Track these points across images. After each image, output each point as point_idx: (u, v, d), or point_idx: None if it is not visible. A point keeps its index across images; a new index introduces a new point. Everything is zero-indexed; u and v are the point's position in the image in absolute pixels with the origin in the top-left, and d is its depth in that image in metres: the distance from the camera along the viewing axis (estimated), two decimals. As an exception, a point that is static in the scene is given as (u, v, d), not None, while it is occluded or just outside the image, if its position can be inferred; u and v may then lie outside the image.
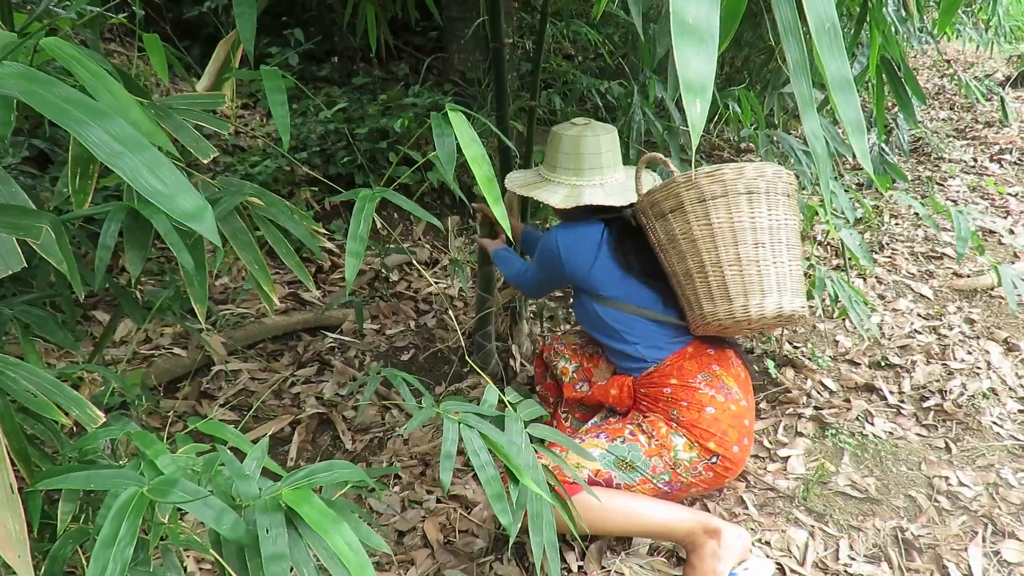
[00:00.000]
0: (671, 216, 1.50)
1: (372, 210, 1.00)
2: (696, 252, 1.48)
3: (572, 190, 1.62)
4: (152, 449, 0.89)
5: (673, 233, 1.51)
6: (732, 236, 1.45)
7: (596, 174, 1.63)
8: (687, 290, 1.53)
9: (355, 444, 2.05)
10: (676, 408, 1.53)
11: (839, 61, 0.64)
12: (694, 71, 0.54)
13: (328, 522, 0.73)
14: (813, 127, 0.69)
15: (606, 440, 1.53)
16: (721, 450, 1.51)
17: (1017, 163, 4.15)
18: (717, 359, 1.59)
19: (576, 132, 1.62)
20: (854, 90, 0.66)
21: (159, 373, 2.20)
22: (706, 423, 1.51)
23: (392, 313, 2.72)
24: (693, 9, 0.53)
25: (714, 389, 1.54)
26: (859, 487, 1.84)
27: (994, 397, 2.18)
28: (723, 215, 1.45)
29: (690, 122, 0.53)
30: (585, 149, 1.61)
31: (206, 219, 0.69)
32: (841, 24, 3.48)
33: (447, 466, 1.06)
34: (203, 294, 1.16)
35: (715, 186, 1.44)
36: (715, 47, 0.54)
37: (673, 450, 1.51)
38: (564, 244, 1.61)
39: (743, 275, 1.46)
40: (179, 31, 3.78)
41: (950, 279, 2.89)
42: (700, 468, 1.53)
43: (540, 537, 1.11)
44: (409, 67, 3.92)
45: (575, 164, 1.63)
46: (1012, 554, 1.63)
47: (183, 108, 1.02)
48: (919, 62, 6.30)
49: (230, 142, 3.23)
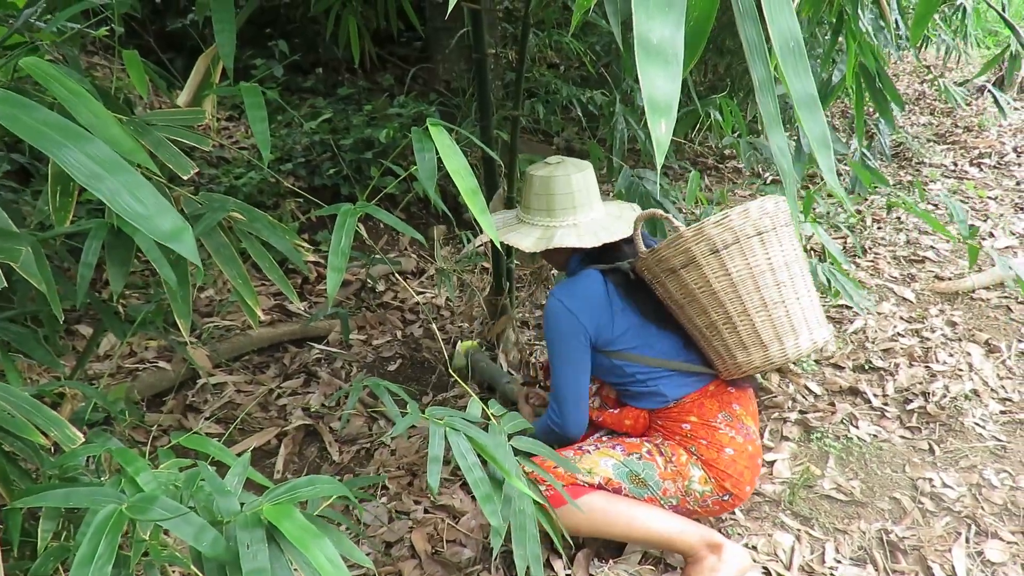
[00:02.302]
0: (684, 271, 1.44)
1: (354, 225, 1.01)
2: (719, 304, 1.44)
3: (545, 231, 1.57)
4: (133, 466, 0.88)
5: (689, 287, 1.45)
6: (753, 282, 1.42)
7: (569, 214, 1.58)
8: (714, 342, 1.50)
9: (342, 455, 2.04)
10: (695, 445, 1.53)
11: (804, 79, 0.65)
12: (660, 91, 0.55)
13: (309, 537, 0.73)
14: (780, 144, 0.70)
15: (622, 453, 1.53)
16: (736, 490, 1.54)
17: (996, 167, 4.21)
18: (737, 398, 1.59)
19: (547, 173, 1.58)
20: (819, 107, 0.67)
21: (144, 387, 2.18)
22: (724, 464, 1.52)
23: (379, 323, 2.72)
24: (658, 31, 0.54)
25: (734, 430, 1.55)
26: (844, 490, 1.85)
27: (976, 398, 2.20)
28: (739, 262, 1.41)
29: (655, 141, 0.54)
30: (556, 189, 1.57)
31: (186, 240, 0.69)
32: (820, 33, 3.53)
33: (434, 470, 1.07)
34: (186, 309, 1.16)
35: (725, 234, 1.40)
36: (680, 67, 0.55)
37: (688, 480, 1.52)
38: (572, 302, 1.52)
39: (772, 319, 1.44)
40: (163, 43, 3.78)
41: (932, 282, 2.93)
42: (709, 501, 1.55)
43: (523, 550, 1.12)
44: (394, 77, 3.93)
45: (547, 205, 1.58)
46: (995, 554, 1.65)
47: (163, 124, 1.02)
48: (900, 68, 6.38)
49: (215, 154, 3.23)
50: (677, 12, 0.55)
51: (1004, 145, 4.49)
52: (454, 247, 3.19)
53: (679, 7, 0.55)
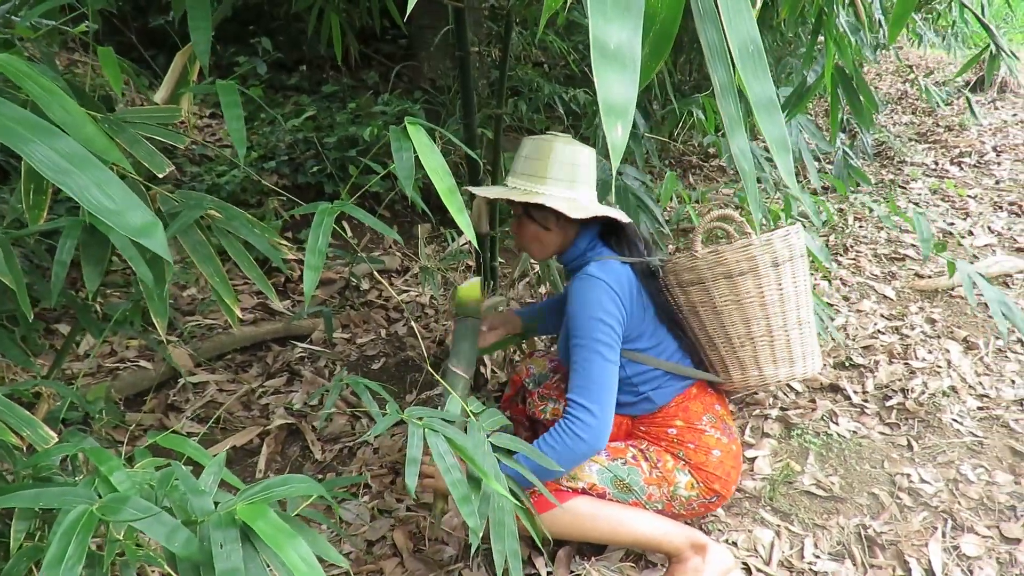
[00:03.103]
0: (740, 279, 1.45)
1: (331, 224, 1.01)
2: (764, 315, 1.47)
3: (570, 203, 1.43)
4: (107, 465, 0.88)
5: (738, 296, 1.46)
6: (796, 299, 1.49)
7: (587, 188, 1.49)
8: (742, 354, 1.52)
9: (324, 454, 2.04)
10: (682, 449, 1.53)
11: (763, 83, 0.66)
12: (616, 95, 0.55)
13: (283, 537, 0.73)
14: (741, 146, 0.70)
15: (607, 458, 1.52)
16: (724, 491, 1.55)
17: (976, 166, 4.25)
18: (719, 398, 1.62)
19: (566, 143, 1.47)
20: (778, 109, 0.68)
21: (124, 386, 2.17)
22: (713, 466, 1.53)
23: (363, 322, 2.72)
24: (615, 35, 0.54)
25: (719, 431, 1.56)
26: (824, 486, 1.87)
27: (954, 395, 2.23)
28: (788, 279, 1.47)
29: (610, 144, 0.54)
30: (581, 161, 1.47)
31: (156, 235, 0.69)
32: (804, 33, 3.55)
33: (412, 471, 1.07)
34: (163, 307, 1.15)
35: (784, 250, 1.45)
36: (637, 72, 0.55)
37: (674, 485, 1.52)
38: (614, 283, 1.42)
39: (803, 337, 1.51)
40: (145, 40, 3.75)
41: (912, 280, 2.96)
42: (695, 505, 1.55)
43: (502, 545, 1.12)
44: (379, 75, 3.92)
45: (572, 176, 1.45)
46: (971, 548, 1.67)
47: (139, 122, 1.01)
48: (882, 68, 6.43)
49: (197, 152, 3.21)
50: (635, 16, 0.55)
51: (984, 144, 4.54)
52: (438, 245, 3.19)
53: (637, 11, 0.55)
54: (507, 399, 1.89)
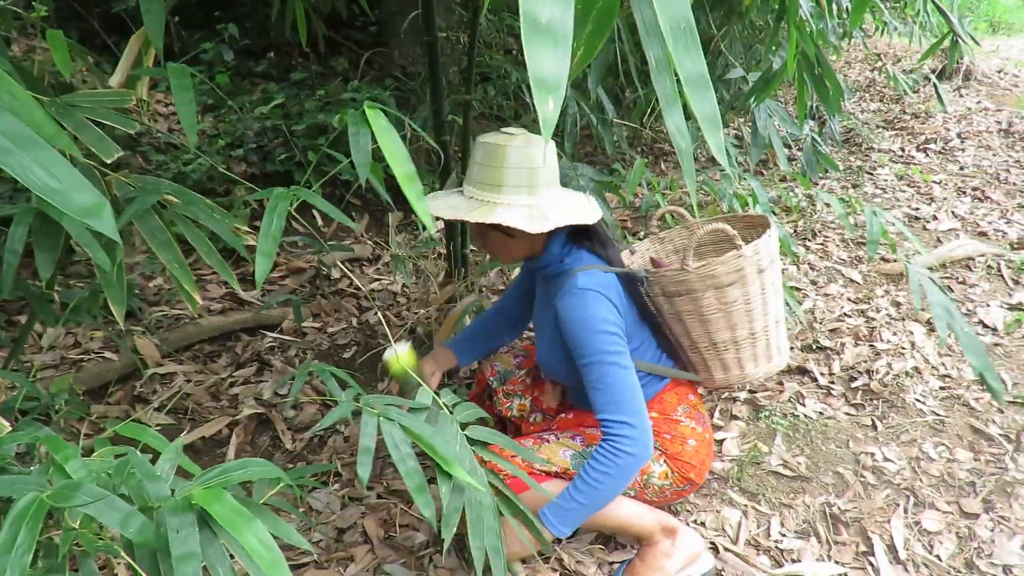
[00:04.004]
0: (728, 288, 1.46)
1: (285, 208, 0.99)
2: (749, 319, 1.50)
3: (531, 210, 1.35)
4: (62, 454, 0.86)
5: (727, 304, 1.48)
6: (776, 298, 1.52)
7: (551, 188, 1.40)
8: (726, 356, 1.54)
9: (295, 443, 2.02)
10: (658, 440, 1.53)
11: (694, 59, 0.66)
12: (548, 70, 0.54)
13: (241, 520, 0.72)
14: (677, 123, 0.71)
15: (581, 444, 1.52)
16: (698, 479, 1.56)
17: (941, 152, 4.33)
18: (691, 389, 1.64)
19: (522, 143, 1.35)
20: (710, 87, 0.68)
21: (88, 378, 2.13)
22: (688, 456, 1.54)
23: (334, 310, 2.70)
24: (546, 10, 0.54)
25: (694, 420, 1.58)
26: (790, 466, 1.90)
27: (917, 375, 2.27)
28: (769, 280, 1.49)
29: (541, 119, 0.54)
30: (539, 163, 1.36)
31: (103, 216, 0.67)
32: (767, 21, 3.56)
33: (364, 461, 1.06)
34: (120, 295, 1.13)
35: (765, 257, 1.47)
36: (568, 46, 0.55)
37: (648, 474, 1.52)
38: (606, 291, 1.40)
39: (780, 332, 1.56)
40: (107, 26, 3.66)
41: (878, 264, 3.01)
42: (668, 493, 1.56)
43: (481, 541, 1.10)
44: (349, 62, 3.87)
45: (530, 181, 1.36)
46: (932, 523, 1.71)
47: (88, 106, 0.99)
48: (851, 56, 6.50)
49: (163, 140, 3.15)
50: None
51: (949, 131, 4.62)
52: (409, 233, 3.17)
53: (568, -14, 0.55)
54: (473, 397, 1.87)
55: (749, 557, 1.62)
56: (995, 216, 3.43)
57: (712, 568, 1.55)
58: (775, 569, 1.59)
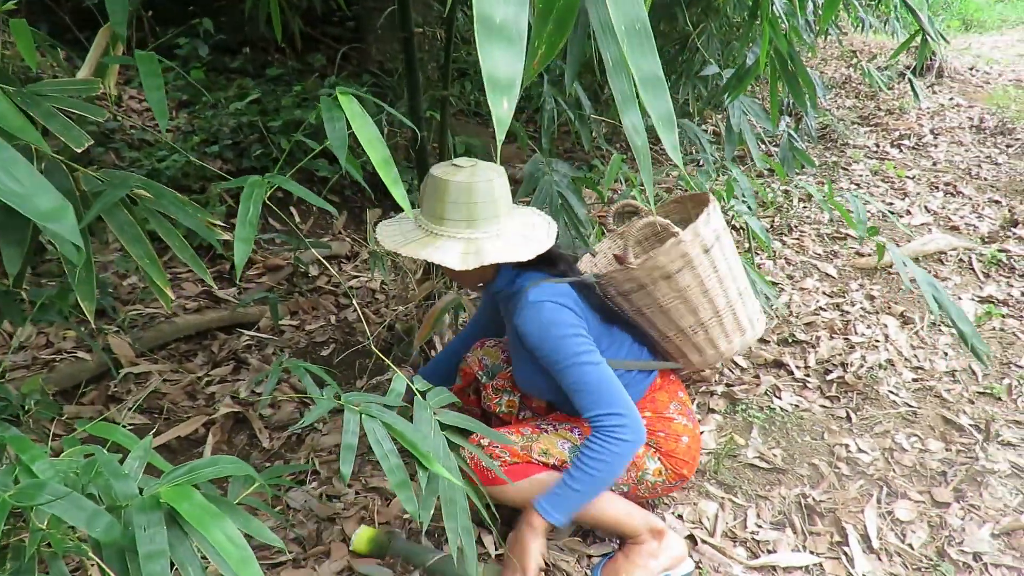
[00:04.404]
0: (678, 275, 1.47)
1: (261, 196, 0.98)
2: (708, 299, 1.51)
3: (468, 245, 1.37)
4: (29, 454, 0.85)
5: (681, 290, 1.49)
6: (730, 274, 1.53)
7: (493, 224, 1.39)
8: (697, 339, 1.56)
9: (272, 442, 2.01)
10: (653, 438, 1.55)
11: (649, 60, 0.67)
12: (502, 70, 0.55)
13: (209, 518, 0.71)
14: (634, 121, 0.72)
15: (579, 436, 1.53)
16: (690, 474, 1.59)
17: (915, 148, 4.39)
18: (680, 386, 1.66)
19: (466, 178, 1.36)
20: (664, 87, 0.69)
21: (61, 378, 2.10)
22: (682, 452, 1.56)
23: (312, 308, 2.68)
24: (500, 10, 0.54)
25: (686, 417, 1.60)
26: (766, 458, 1.92)
27: (891, 368, 2.31)
28: (719, 256, 1.50)
29: (495, 119, 0.54)
30: (479, 198, 1.36)
31: (66, 219, 0.66)
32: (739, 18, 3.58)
33: (347, 457, 1.05)
34: (90, 291, 1.11)
35: (709, 235, 1.48)
36: (523, 47, 0.55)
37: (642, 471, 1.54)
38: (562, 299, 1.41)
39: (745, 304, 1.57)
40: (78, 20, 3.60)
41: (853, 258, 3.04)
42: (659, 489, 1.58)
43: (455, 523, 1.12)
44: (326, 58, 3.84)
45: (469, 215, 1.37)
46: (904, 513, 1.74)
47: (55, 95, 0.97)
48: (827, 53, 6.57)
49: (136, 136, 3.10)
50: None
51: (923, 127, 4.68)
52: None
53: (523, -14, 0.55)
54: (458, 391, 1.85)
55: (726, 549, 1.63)
56: (967, 211, 3.48)
57: (692, 572, 1.56)
58: (751, 560, 1.60)
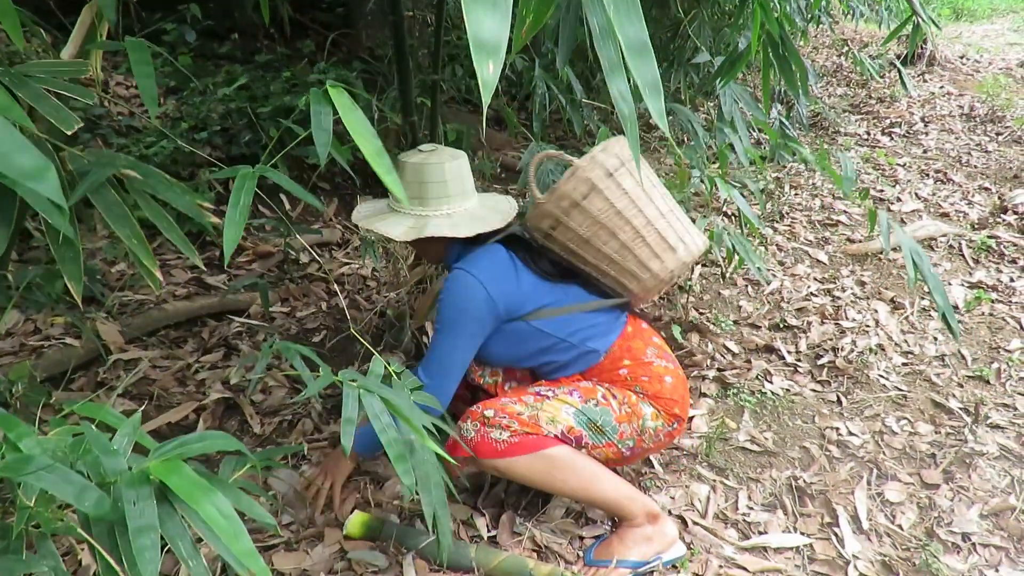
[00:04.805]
0: (585, 201, 1.50)
1: (253, 187, 0.97)
2: (625, 221, 1.52)
3: (416, 220, 1.52)
4: (15, 432, 0.84)
5: (594, 216, 1.51)
6: (646, 194, 1.53)
7: (443, 203, 1.53)
8: (628, 263, 1.56)
9: (264, 427, 2.00)
10: (638, 384, 1.57)
11: (635, 25, 0.67)
12: (487, 32, 0.56)
13: (199, 491, 0.71)
14: (621, 89, 0.72)
15: (580, 400, 1.54)
16: (683, 414, 1.60)
17: (905, 136, 4.40)
18: (653, 331, 1.67)
19: (420, 160, 1.51)
20: (651, 53, 0.69)
21: (50, 364, 2.08)
22: (669, 392, 1.57)
23: (302, 295, 2.66)
24: None
25: (664, 360, 1.61)
26: (758, 441, 1.93)
27: (881, 352, 2.32)
28: (630, 180, 1.51)
29: (481, 82, 0.55)
30: (429, 178, 1.50)
31: (48, 179, 0.65)
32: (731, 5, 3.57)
33: (348, 431, 1.06)
34: (77, 271, 1.10)
35: (612, 159, 1.50)
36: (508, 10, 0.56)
37: (642, 418, 1.55)
38: (482, 274, 1.48)
39: (671, 223, 1.56)
40: (63, 5, 3.55)
41: (844, 245, 3.05)
42: (662, 435, 1.59)
43: (430, 497, 1.13)
44: (316, 44, 3.81)
45: (420, 193, 1.52)
46: (894, 494, 1.75)
47: (43, 76, 0.96)
48: (819, 41, 6.57)
49: (124, 123, 3.07)
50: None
51: (913, 116, 4.70)
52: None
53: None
54: None
55: (717, 530, 1.64)
56: (956, 198, 3.50)
57: (684, 554, 1.57)
58: (743, 541, 1.61)
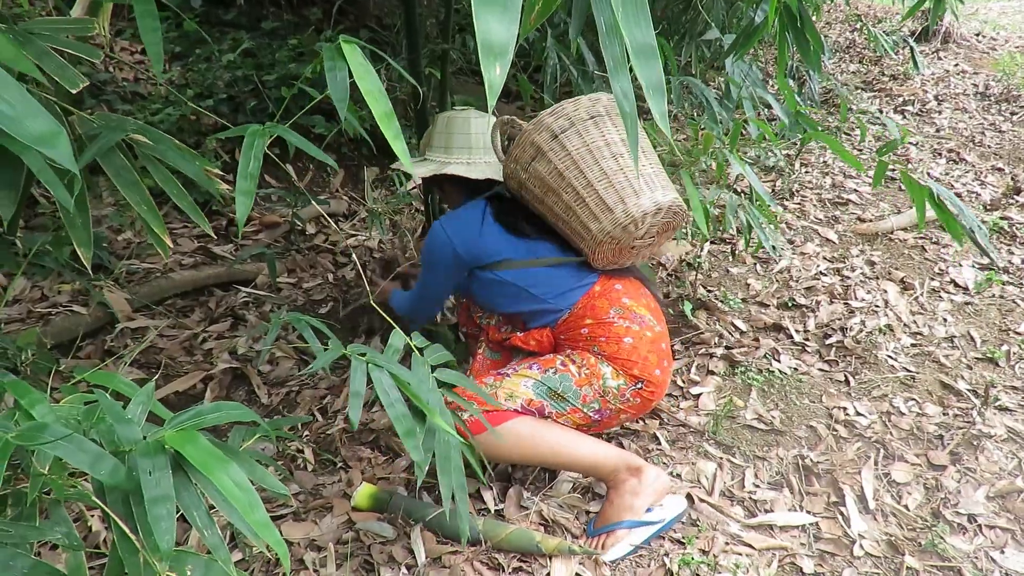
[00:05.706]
0: (535, 163, 1.55)
1: (262, 147, 0.96)
2: (567, 183, 1.54)
3: (440, 165, 1.69)
4: (28, 399, 0.83)
5: (543, 177, 1.56)
6: (591, 156, 1.53)
7: (464, 153, 1.70)
8: (574, 223, 1.57)
9: (271, 398, 2.00)
10: (596, 344, 1.59)
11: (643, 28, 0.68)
12: (495, 35, 0.57)
13: (215, 462, 0.70)
14: (623, 87, 0.72)
15: (539, 371, 1.57)
16: (645, 375, 1.58)
17: (919, 114, 4.34)
18: (626, 292, 1.65)
19: (451, 113, 1.72)
20: (656, 56, 0.71)
21: (57, 332, 2.08)
22: (626, 352, 1.57)
23: (309, 266, 2.65)
24: None
25: (628, 320, 1.60)
26: (765, 420, 1.93)
27: (890, 333, 2.31)
28: (577, 142, 1.53)
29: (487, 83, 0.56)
30: (456, 129, 1.70)
31: (59, 144, 0.64)
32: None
33: (355, 404, 1.05)
34: (86, 237, 1.09)
35: (561, 120, 1.53)
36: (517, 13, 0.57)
37: (602, 378, 1.57)
38: (449, 226, 1.63)
39: (613, 185, 1.54)
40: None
41: (854, 224, 3.03)
42: (628, 395, 1.59)
43: (449, 479, 1.12)
44: (322, 12, 3.75)
45: (446, 143, 1.71)
46: (900, 475, 1.75)
47: (48, 33, 0.94)
48: (832, 17, 6.46)
49: (128, 89, 3.04)
50: (515, -43, 0.56)
51: (927, 93, 4.63)
52: (386, 189, 3.12)
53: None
54: (463, 311, 1.98)
55: (723, 507, 1.64)
56: (969, 178, 3.46)
57: (685, 511, 1.58)
58: (748, 519, 1.62)
